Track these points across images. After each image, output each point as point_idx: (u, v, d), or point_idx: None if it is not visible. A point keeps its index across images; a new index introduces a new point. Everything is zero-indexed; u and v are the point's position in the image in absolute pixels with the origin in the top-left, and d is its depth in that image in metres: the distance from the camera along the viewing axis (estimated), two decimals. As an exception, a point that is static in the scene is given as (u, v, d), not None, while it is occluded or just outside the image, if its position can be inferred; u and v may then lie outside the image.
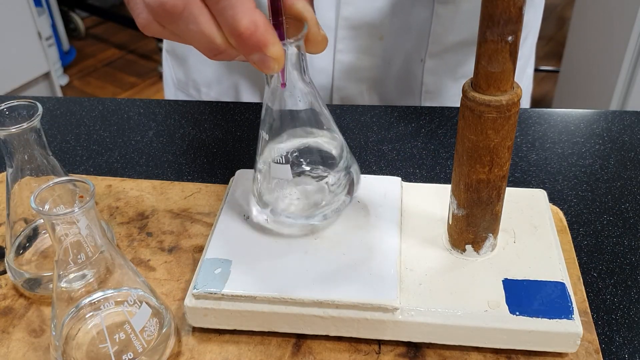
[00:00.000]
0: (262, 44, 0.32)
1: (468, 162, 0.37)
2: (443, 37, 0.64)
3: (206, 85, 0.73)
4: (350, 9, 0.62)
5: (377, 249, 0.41)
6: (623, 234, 0.49)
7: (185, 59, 0.73)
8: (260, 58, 0.32)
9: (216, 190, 0.53)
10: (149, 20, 0.34)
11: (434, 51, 0.65)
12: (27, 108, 0.40)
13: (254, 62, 0.33)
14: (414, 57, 0.66)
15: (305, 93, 0.38)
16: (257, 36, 0.31)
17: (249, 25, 0.31)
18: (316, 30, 0.36)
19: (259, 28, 0.31)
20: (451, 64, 0.67)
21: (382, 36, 0.64)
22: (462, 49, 0.66)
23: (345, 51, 0.65)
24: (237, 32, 0.32)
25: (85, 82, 2.41)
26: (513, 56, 0.33)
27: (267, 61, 0.32)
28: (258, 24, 0.31)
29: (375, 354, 0.40)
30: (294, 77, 0.37)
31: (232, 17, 0.31)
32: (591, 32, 1.62)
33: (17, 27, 1.96)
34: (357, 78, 0.67)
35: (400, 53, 0.66)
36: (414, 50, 0.66)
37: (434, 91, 0.69)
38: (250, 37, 0.31)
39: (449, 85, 0.69)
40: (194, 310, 0.40)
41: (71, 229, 0.34)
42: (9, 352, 0.40)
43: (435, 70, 0.67)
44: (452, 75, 0.68)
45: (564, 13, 2.69)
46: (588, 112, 0.64)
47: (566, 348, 0.38)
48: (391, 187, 0.47)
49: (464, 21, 0.64)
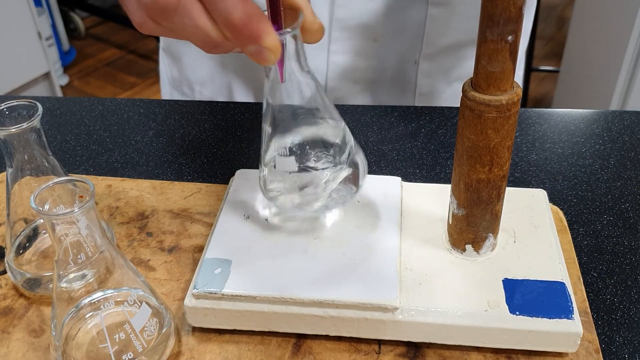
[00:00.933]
0: (256, 34, 0.32)
1: (468, 162, 0.37)
2: (437, 39, 0.64)
3: (199, 83, 0.73)
4: (344, 11, 0.62)
5: (377, 249, 0.41)
6: (623, 234, 0.49)
7: (180, 58, 0.73)
8: (256, 49, 0.32)
9: (216, 190, 0.53)
10: (144, 19, 0.34)
11: (427, 53, 0.65)
12: (27, 108, 0.40)
13: (250, 55, 0.33)
14: (408, 59, 0.66)
15: (306, 84, 0.38)
16: (250, 27, 0.31)
17: (241, 17, 0.31)
18: (312, 19, 0.36)
19: (252, 19, 0.31)
20: (445, 66, 0.67)
21: (376, 38, 0.64)
22: (455, 51, 0.66)
23: (339, 52, 0.65)
24: (230, 24, 0.32)
25: (85, 82, 2.41)
26: (513, 56, 0.33)
27: (263, 52, 0.32)
28: (251, 15, 0.31)
29: (375, 354, 0.39)
30: (293, 68, 0.37)
31: (225, 10, 0.31)
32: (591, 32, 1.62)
33: (17, 27, 1.96)
34: (350, 79, 0.67)
35: (394, 55, 0.66)
36: (408, 52, 0.66)
37: (428, 93, 0.69)
38: (244, 29, 0.32)
39: (442, 88, 0.69)
40: (194, 310, 0.40)
41: (71, 229, 0.34)
42: (9, 352, 0.40)
43: (428, 72, 0.67)
44: (446, 78, 0.68)
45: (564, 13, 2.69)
46: (588, 112, 0.64)
47: (566, 348, 0.38)
48: (391, 187, 0.47)
49: (457, 23, 0.64)
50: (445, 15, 0.63)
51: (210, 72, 0.72)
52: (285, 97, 0.38)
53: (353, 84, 0.67)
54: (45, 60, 2.09)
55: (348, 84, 0.67)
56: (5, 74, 1.95)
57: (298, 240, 0.42)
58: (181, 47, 0.72)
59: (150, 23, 0.34)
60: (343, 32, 0.63)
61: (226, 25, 0.32)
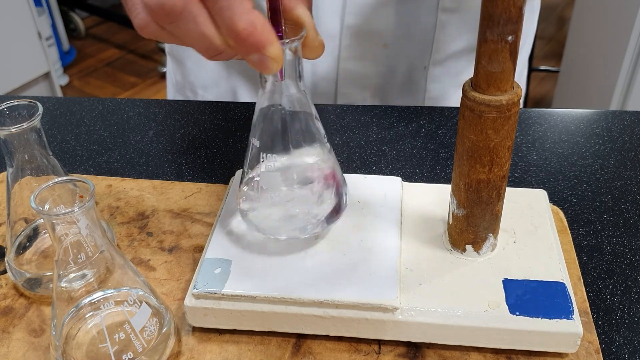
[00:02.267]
0: (260, 44, 0.32)
1: (468, 162, 0.37)
2: (446, 44, 0.65)
3: (202, 87, 0.73)
4: (354, 17, 0.62)
5: (377, 249, 0.41)
6: (623, 234, 0.49)
7: (183, 61, 0.73)
8: (259, 58, 0.32)
9: (216, 190, 0.53)
10: (147, 21, 0.34)
11: (437, 59, 0.66)
12: (27, 108, 0.40)
13: (252, 63, 0.33)
14: (418, 65, 0.67)
15: (298, 101, 0.38)
16: (255, 36, 0.31)
17: (246, 26, 0.31)
18: (313, 35, 0.36)
19: (256, 28, 0.31)
20: (454, 71, 0.67)
21: (386, 44, 0.64)
22: (465, 56, 0.66)
23: (350, 58, 0.65)
24: (235, 32, 0.31)
25: (85, 82, 2.41)
26: (513, 56, 0.33)
27: (265, 61, 0.32)
28: (256, 24, 0.31)
29: (375, 354, 0.39)
30: (289, 83, 0.37)
31: (230, 18, 0.31)
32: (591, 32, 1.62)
33: (17, 27, 1.96)
34: (361, 85, 0.67)
35: (404, 60, 0.66)
36: (418, 57, 0.66)
37: (437, 98, 0.69)
38: (248, 38, 0.31)
39: (451, 92, 0.69)
40: (194, 310, 0.40)
41: (71, 228, 0.34)
42: (9, 352, 0.40)
43: (438, 78, 0.67)
44: (455, 82, 0.68)
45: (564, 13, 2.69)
46: (588, 112, 0.64)
47: (566, 348, 0.38)
48: (391, 187, 0.47)
49: (467, 29, 0.64)
50: (454, 20, 0.63)
51: (214, 76, 0.71)
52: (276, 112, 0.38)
53: (363, 89, 0.68)
54: (45, 60, 2.09)
55: (358, 89, 0.68)
56: (5, 74, 1.95)
57: (298, 240, 0.42)
58: (184, 51, 0.72)
59: (153, 26, 0.34)
60: (353, 38, 0.63)
61: (230, 33, 0.32)
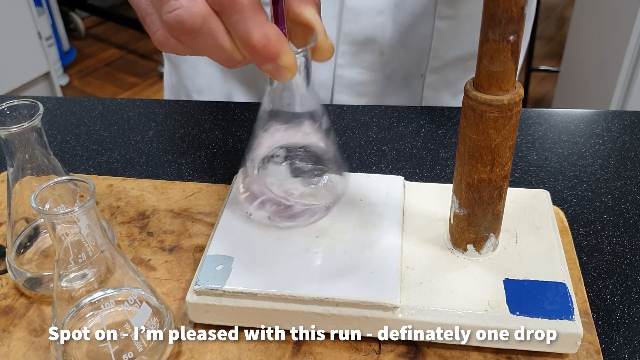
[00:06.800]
0: (274, 55, 0.32)
1: (469, 162, 0.37)
2: (443, 52, 0.65)
3: (197, 91, 0.73)
4: (351, 25, 0.62)
5: (379, 248, 0.41)
6: (623, 234, 0.49)
7: (178, 65, 0.73)
8: (274, 68, 0.33)
9: (217, 190, 0.53)
10: (167, 38, 0.34)
11: (434, 66, 0.66)
12: (27, 107, 0.40)
13: (267, 72, 0.34)
14: (414, 72, 0.66)
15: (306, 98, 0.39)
16: (269, 48, 0.32)
17: (260, 39, 0.32)
18: (324, 39, 0.36)
19: (270, 40, 0.32)
20: (451, 79, 0.67)
21: (383, 51, 0.64)
22: (461, 64, 0.66)
23: (346, 66, 0.65)
24: (249, 45, 0.32)
25: (85, 82, 2.41)
26: (515, 56, 0.33)
27: (280, 70, 0.33)
28: (270, 37, 0.32)
29: (375, 354, 0.39)
30: (298, 84, 0.38)
31: (244, 32, 0.32)
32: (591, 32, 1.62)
33: (17, 27, 1.95)
34: (357, 93, 0.67)
35: (400, 68, 0.66)
36: (415, 65, 0.66)
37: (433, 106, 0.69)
38: (263, 50, 0.32)
39: (447, 100, 0.69)
40: (195, 306, 0.40)
41: (72, 228, 0.34)
42: (10, 352, 0.40)
43: (435, 86, 0.67)
44: (452, 91, 0.68)
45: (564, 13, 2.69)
46: (588, 112, 0.64)
47: (567, 349, 0.38)
48: (394, 186, 0.47)
49: (464, 36, 0.64)
50: (452, 28, 0.63)
51: (209, 80, 0.71)
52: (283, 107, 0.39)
53: (359, 97, 0.68)
54: (45, 60, 2.09)
55: (354, 97, 0.68)
56: (5, 74, 1.95)
57: (299, 238, 0.42)
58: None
59: (173, 42, 0.34)
60: (350, 46, 0.63)
61: (245, 46, 0.33)
